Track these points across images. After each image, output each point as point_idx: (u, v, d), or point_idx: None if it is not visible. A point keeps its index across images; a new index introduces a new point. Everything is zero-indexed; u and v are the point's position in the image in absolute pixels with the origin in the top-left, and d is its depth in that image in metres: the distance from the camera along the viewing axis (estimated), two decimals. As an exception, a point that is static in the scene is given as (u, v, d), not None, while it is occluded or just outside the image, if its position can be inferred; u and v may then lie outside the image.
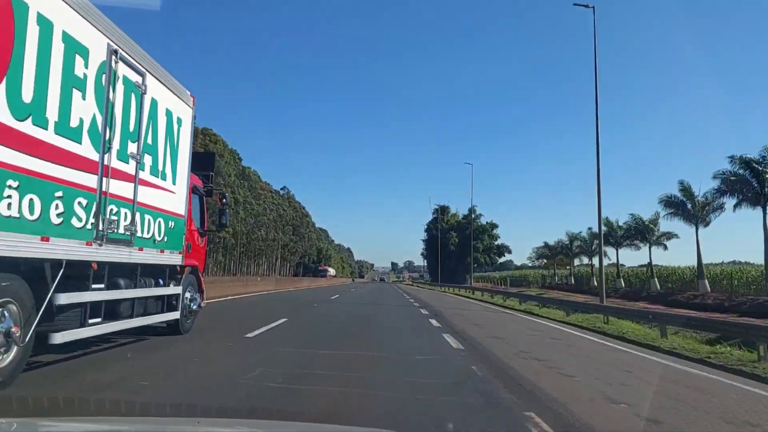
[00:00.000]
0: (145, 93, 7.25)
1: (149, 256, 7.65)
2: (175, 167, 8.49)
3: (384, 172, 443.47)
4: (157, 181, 7.84)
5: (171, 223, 8.38)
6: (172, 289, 8.75)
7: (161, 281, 8.42)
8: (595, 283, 40.20)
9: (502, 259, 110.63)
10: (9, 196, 4.70)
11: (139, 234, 7.20)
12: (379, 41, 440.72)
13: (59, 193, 5.40)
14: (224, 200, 11.10)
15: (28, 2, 4.89)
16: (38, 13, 5.03)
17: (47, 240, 5.26)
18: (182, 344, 8.54)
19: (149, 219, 7.55)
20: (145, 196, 7.38)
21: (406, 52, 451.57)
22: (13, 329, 5.05)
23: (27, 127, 4.93)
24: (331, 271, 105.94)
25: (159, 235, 7.92)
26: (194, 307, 9.80)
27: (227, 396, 5.27)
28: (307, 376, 6.46)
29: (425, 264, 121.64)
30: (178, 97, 8.57)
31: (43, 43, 5.12)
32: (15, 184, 4.76)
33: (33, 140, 5.02)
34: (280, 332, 11.04)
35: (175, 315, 8.89)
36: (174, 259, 8.62)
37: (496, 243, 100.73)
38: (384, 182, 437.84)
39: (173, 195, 8.47)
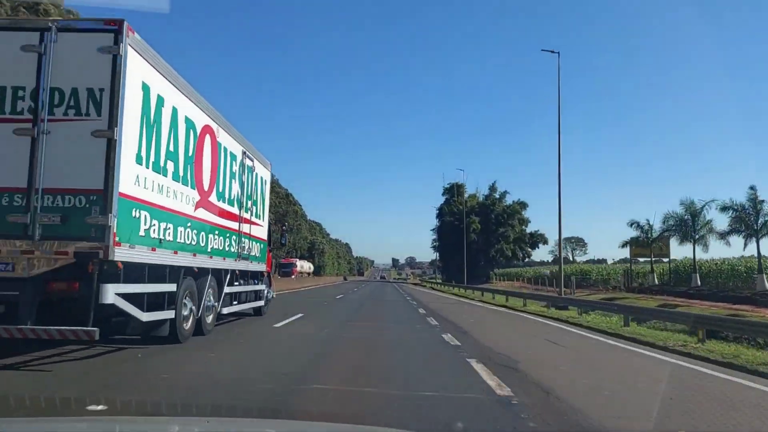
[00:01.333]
0: (253, 171, 12.33)
1: (253, 267, 12.71)
2: (263, 210, 13.59)
3: (384, 168, 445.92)
4: (257, 220, 12.92)
5: (261, 246, 13.46)
6: (261, 286, 13.82)
7: (255, 281, 13.47)
8: (698, 282, 38.94)
9: (533, 254, 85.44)
10: (214, 239, 9.75)
11: (250, 253, 12.26)
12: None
13: (228, 234, 10.47)
14: (284, 227, 16.20)
15: (224, 144, 10.00)
16: (224, 148, 10.11)
17: (224, 260, 10.33)
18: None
19: (254, 244, 12.61)
20: (252, 231, 12.42)
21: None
22: (193, 308, 9.75)
23: (219, 202, 9.98)
24: (305, 265, 73.14)
25: (257, 253, 12.99)
26: (270, 297, 14.88)
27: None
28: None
29: (437, 257, 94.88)
30: (264, 167, 13.63)
31: (225, 162, 10.19)
32: (216, 232, 9.82)
33: (220, 208, 10.06)
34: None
35: (261, 303, 13.96)
36: (261, 267, 13.69)
37: (527, 231, 77.59)
38: (383, 177, 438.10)
39: (263, 228, 13.56)
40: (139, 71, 6.69)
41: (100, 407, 4.55)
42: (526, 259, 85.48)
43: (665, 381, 6.73)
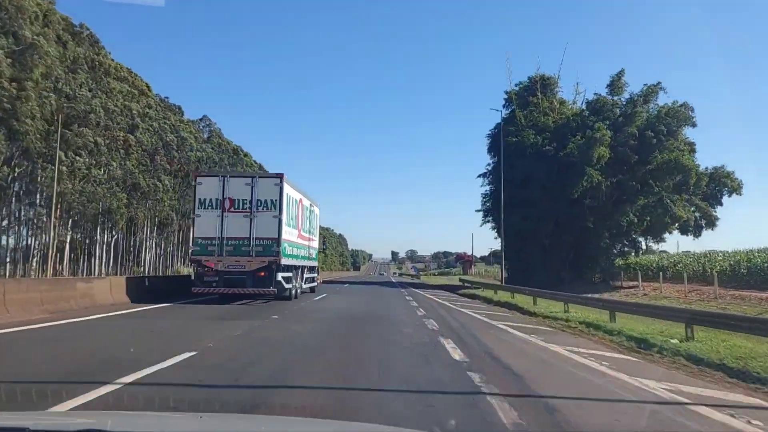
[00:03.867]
0: (313, 212, 22.74)
1: (312, 264, 23.17)
2: (317, 231, 24.07)
3: (385, 162, 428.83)
4: (314, 238, 23.44)
5: (316, 252, 23.93)
6: (315, 274, 24.34)
7: (313, 272, 23.93)
8: None
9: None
10: (301, 251, 20.17)
11: (311, 257, 22.70)
12: None
13: (304, 249, 20.96)
14: (325, 239, 26.67)
15: (304, 204, 20.50)
16: (303, 205, 20.57)
17: (304, 261, 20.81)
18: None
19: (312, 252, 23.05)
20: (311, 244, 22.86)
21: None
22: (295, 284, 20.08)
23: (302, 232, 20.42)
24: None
25: (314, 257, 23.44)
26: (318, 281, 25.40)
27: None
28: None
29: (495, 227, 40.80)
30: (317, 206, 23.98)
31: (303, 211, 20.62)
32: (302, 248, 20.31)
33: (302, 236, 20.54)
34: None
35: (315, 284, 24.47)
36: (315, 263, 24.17)
37: (697, 167, 36.17)
38: (384, 173, 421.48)
39: (316, 241, 24.05)
40: (286, 190, 17.08)
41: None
42: (700, 232, 38.59)
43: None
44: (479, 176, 43.73)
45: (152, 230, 46.60)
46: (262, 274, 16.49)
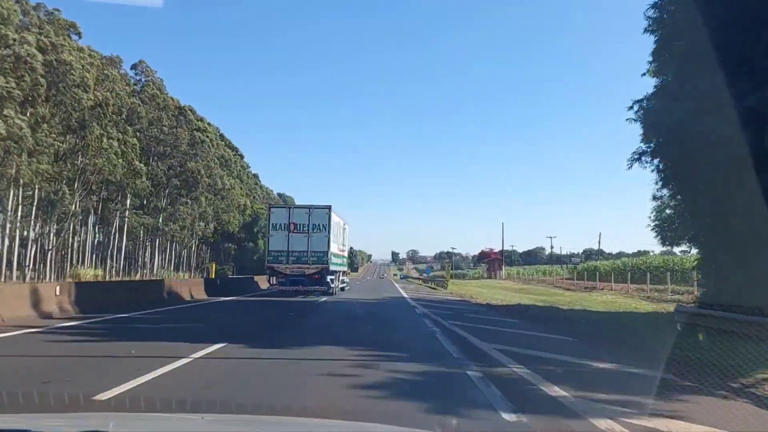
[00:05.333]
0: (346, 229, 29.81)
1: (343, 268, 30.27)
2: (347, 242, 31.14)
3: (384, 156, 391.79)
4: (345, 249, 30.47)
5: (346, 260, 31.00)
6: (347, 276, 31.45)
7: (344, 275, 30.99)
8: None
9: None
10: (339, 260, 27.22)
11: (344, 263, 29.79)
12: None
13: (341, 258, 28.12)
14: (352, 248, 33.95)
15: (342, 225, 27.67)
16: (342, 227, 27.73)
17: (340, 267, 27.88)
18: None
19: (344, 260, 30.17)
20: (344, 253, 29.90)
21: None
22: (337, 284, 27.20)
23: (340, 245, 27.47)
24: None
25: (344, 262, 30.53)
26: (348, 281, 32.50)
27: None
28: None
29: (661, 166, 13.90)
30: (347, 223, 31.02)
31: (341, 231, 27.69)
32: (340, 257, 27.39)
33: (340, 248, 27.60)
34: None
35: (345, 284, 31.53)
36: (345, 269, 31.27)
37: None
38: (382, 165, 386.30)
39: (346, 250, 31.09)
40: (333, 218, 24.24)
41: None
42: None
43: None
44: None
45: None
46: (316, 276, 23.49)
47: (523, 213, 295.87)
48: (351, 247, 35.42)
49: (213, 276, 36.23)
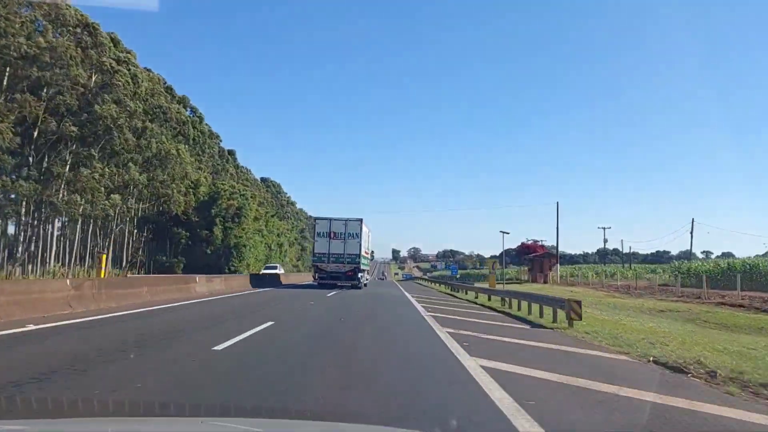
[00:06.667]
0: (369, 235, 36.40)
1: (368, 267, 36.90)
2: (369, 245, 37.75)
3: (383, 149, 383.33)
4: (368, 252, 37.04)
5: (369, 260, 37.60)
6: (368, 274, 38.04)
7: (367, 272, 37.57)
8: None
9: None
10: (366, 261, 33.81)
11: (368, 264, 36.38)
12: None
13: (368, 260, 34.71)
14: (372, 252, 40.45)
15: (368, 233, 34.31)
16: (368, 235, 34.28)
17: (367, 267, 34.47)
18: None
19: (368, 260, 36.75)
20: (368, 254, 36.45)
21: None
22: (366, 280, 33.73)
23: (368, 249, 34.05)
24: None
25: (368, 263, 37.12)
26: (369, 278, 39.11)
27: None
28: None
29: None
30: (369, 229, 37.49)
31: (368, 238, 34.26)
32: (366, 258, 33.93)
33: (368, 252, 34.35)
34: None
35: (367, 281, 38.13)
36: (368, 268, 37.89)
37: None
38: (382, 159, 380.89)
39: (369, 252, 37.71)
40: (363, 227, 30.91)
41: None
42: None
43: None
44: None
45: None
46: (350, 273, 30.06)
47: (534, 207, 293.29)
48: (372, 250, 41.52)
49: (103, 275, 22.24)
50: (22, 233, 34.45)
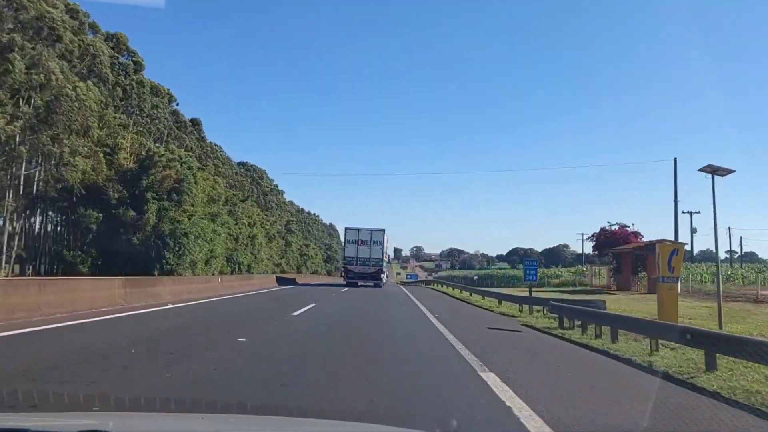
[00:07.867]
0: (388, 241, 43.07)
1: (386, 270, 43.39)
2: (388, 250, 44.39)
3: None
4: (386, 256, 43.54)
5: (387, 263, 44.19)
6: (386, 276, 44.61)
7: (387, 274, 44.15)
8: None
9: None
10: (387, 263, 40.41)
11: (386, 267, 42.99)
12: None
13: (387, 264, 41.33)
14: (391, 255, 46.97)
15: (387, 241, 40.89)
16: (388, 240, 40.95)
17: (387, 269, 41.14)
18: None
19: (387, 264, 43.26)
20: (387, 258, 42.94)
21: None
22: (384, 279, 40.24)
23: (389, 254, 40.72)
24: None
25: (387, 264, 43.67)
26: (386, 280, 45.69)
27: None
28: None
29: None
30: (388, 237, 44.15)
31: (389, 245, 40.99)
32: (385, 262, 40.55)
33: (387, 255, 40.90)
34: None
35: (385, 281, 44.71)
36: (387, 270, 44.43)
37: None
38: (382, 156, 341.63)
39: (387, 255, 44.21)
40: (384, 236, 37.53)
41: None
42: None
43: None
44: None
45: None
46: (374, 273, 36.65)
47: (542, 210, 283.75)
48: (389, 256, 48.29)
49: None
50: None
